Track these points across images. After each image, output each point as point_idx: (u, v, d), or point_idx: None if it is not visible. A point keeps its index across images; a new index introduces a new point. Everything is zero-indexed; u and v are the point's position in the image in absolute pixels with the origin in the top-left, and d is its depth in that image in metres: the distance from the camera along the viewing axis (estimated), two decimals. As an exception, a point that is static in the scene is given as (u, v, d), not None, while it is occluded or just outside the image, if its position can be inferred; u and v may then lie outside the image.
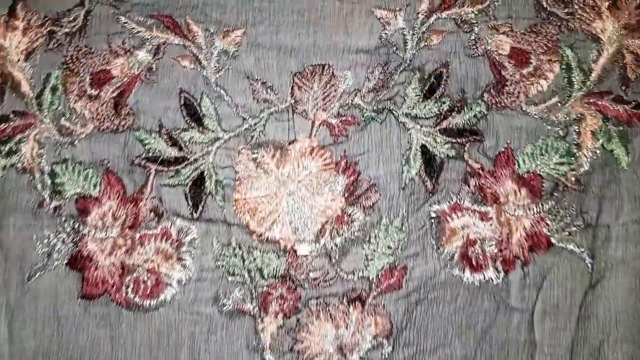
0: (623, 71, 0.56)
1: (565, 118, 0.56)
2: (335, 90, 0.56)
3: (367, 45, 0.57)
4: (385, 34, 0.57)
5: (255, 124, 0.56)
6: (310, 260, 0.55)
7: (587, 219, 0.54)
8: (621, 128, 0.55)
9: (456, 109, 0.56)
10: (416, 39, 0.57)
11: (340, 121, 0.56)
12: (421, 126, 0.56)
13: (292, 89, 0.56)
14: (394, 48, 0.57)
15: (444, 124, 0.56)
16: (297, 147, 0.56)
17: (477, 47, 0.57)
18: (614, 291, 0.53)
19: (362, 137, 0.56)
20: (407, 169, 0.55)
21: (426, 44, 0.57)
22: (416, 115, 0.56)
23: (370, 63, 0.56)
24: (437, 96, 0.56)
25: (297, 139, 0.56)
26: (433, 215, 0.55)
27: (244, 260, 0.55)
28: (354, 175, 0.55)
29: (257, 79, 0.57)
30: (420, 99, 0.56)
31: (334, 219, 0.55)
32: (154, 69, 0.57)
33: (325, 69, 0.56)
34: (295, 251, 0.54)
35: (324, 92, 0.56)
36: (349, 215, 0.55)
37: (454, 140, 0.55)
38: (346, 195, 0.55)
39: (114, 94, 0.57)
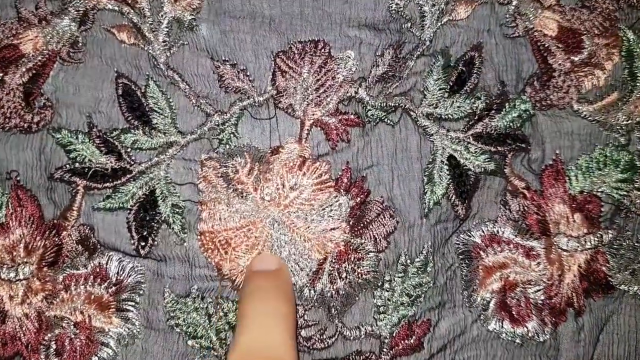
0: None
1: (627, 121, 0.43)
2: (332, 79, 0.42)
3: (373, 18, 0.42)
4: (397, 4, 0.42)
5: (224, 123, 0.41)
6: (302, 313, 0.41)
7: (654, 252, 0.43)
8: (694, 134, 0.44)
9: (495, 106, 0.42)
10: (437, 12, 0.42)
11: (340, 121, 0.42)
12: (448, 130, 0.42)
13: (273, 74, 0.41)
14: (408, 24, 0.42)
15: (479, 128, 0.42)
16: (282, 157, 0.41)
17: (516, 25, 0.43)
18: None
19: (369, 144, 0.42)
20: (431, 189, 0.42)
21: (450, 18, 0.43)
22: (440, 115, 0.42)
23: (378, 43, 0.42)
24: (468, 90, 0.42)
25: (282, 145, 0.41)
26: (462, 248, 0.42)
27: (210, 317, 0.41)
28: (362, 195, 0.42)
29: (224, 60, 0.41)
30: (446, 94, 0.42)
31: (335, 255, 0.41)
32: (80, 45, 0.41)
33: (319, 49, 0.41)
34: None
35: (317, 81, 0.41)
36: (356, 251, 0.41)
37: (492, 149, 0.42)
38: (351, 223, 0.41)
39: (24, 79, 0.41)
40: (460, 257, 0.42)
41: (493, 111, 0.42)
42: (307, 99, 0.42)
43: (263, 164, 0.41)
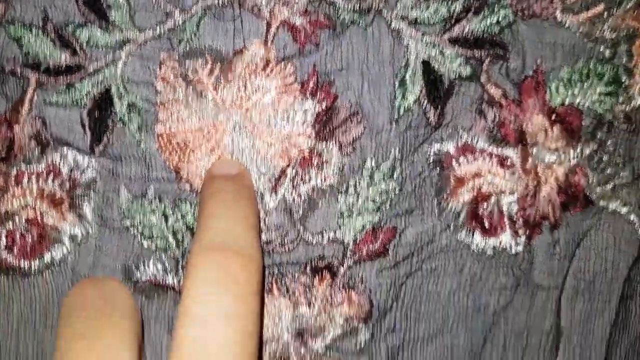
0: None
1: (614, 33, 0.41)
2: (302, -23, 0.40)
3: None
4: None
5: (185, 23, 0.39)
6: (262, 217, 0.39)
7: (636, 168, 0.41)
8: (684, 50, 0.42)
9: (473, 9, 0.40)
10: None
11: (308, 22, 0.40)
12: (423, 34, 0.40)
13: (239, -27, 0.39)
14: None
15: (455, 31, 0.40)
16: (245, 58, 0.39)
17: None
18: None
19: (340, 48, 0.40)
20: (403, 94, 0.40)
21: None
22: (416, 18, 0.40)
23: None
24: (444, -8, 0.40)
25: (246, 46, 0.39)
26: (434, 158, 0.40)
27: (166, 219, 0.39)
28: (328, 99, 0.40)
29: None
30: None
31: (299, 160, 0.39)
32: None
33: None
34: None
35: (285, -21, 0.39)
36: (320, 156, 0.39)
37: (468, 54, 0.40)
38: (317, 128, 0.39)
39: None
40: (431, 165, 0.40)
41: (471, 13, 0.40)
42: (275, -1, 0.40)
43: (225, 65, 0.39)
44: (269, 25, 0.40)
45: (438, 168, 0.40)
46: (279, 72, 0.39)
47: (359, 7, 0.40)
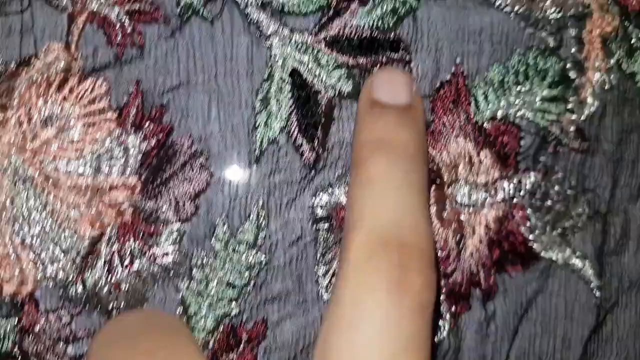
0: None
1: (559, 13, 0.30)
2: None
3: None
4: None
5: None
6: (67, 321, 0.27)
7: (595, 203, 0.30)
8: (650, 31, 0.31)
9: (358, -5, 0.28)
10: None
11: (129, 14, 0.27)
12: (292, 30, 0.28)
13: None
14: None
15: (335, 28, 0.28)
16: (33, 73, 0.27)
17: None
18: (631, 331, 0.31)
19: (175, 52, 0.28)
20: (266, 120, 0.28)
21: None
22: (282, 6, 0.28)
23: None
24: (324, -31, 0.28)
25: (37, 54, 0.27)
26: (318, 213, 0.28)
27: None
28: (160, 133, 0.27)
29: None
30: None
31: (118, 229, 0.27)
32: None
33: None
34: (35, 302, 0.26)
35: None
36: (148, 220, 0.27)
37: (351, 62, 0.28)
38: (143, 177, 0.27)
39: None
40: (315, 225, 0.28)
41: (356, 3, 0.28)
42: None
43: (2, 83, 0.26)
44: (71, 19, 0.27)
45: (325, 228, 0.28)
46: (84, 92, 0.27)
47: None
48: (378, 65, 0.28)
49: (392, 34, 0.28)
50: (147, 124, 0.27)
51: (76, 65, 0.27)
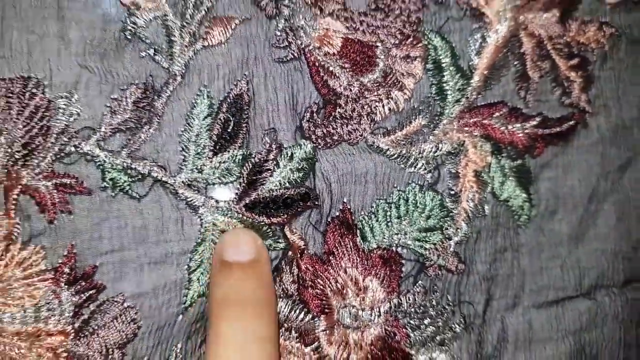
0: (521, 67, 0.37)
1: (435, 152, 0.35)
2: (46, 129, 0.33)
3: (101, 42, 0.33)
4: (132, 22, 0.33)
5: None
6: None
7: (470, 315, 0.35)
8: (520, 162, 0.36)
9: (267, 164, 0.34)
10: (188, 34, 0.34)
11: (56, 187, 0.33)
12: (217, 201, 0.34)
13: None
14: (151, 49, 0.33)
15: (252, 195, 0.34)
16: None
17: (289, 45, 0.34)
18: None
19: (107, 222, 0.33)
20: (198, 278, 0.34)
21: (206, 43, 0.34)
22: (207, 182, 0.34)
23: (112, 80, 0.33)
24: (238, 144, 0.34)
25: None
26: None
27: None
28: (91, 290, 0.33)
29: None
30: (211, 153, 0.34)
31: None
32: None
33: (29, 89, 0.32)
34: None
35: (26, 132, 0.33)
36: None
37: (272, 221, 0.34)
38: (78, 326, 0.33)
39: None
40: None
41: (266, 169, 0.34)
42: (13, 156, 0.33)
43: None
44: (7, 191, 0.33)
45: None
46: (23, 259, 0.32)
47: (130, 166, 0.33)
48: (291, 218, 0.34)
49: (301, 188, 0.34)
50: (79, 282, 0.33)
51: (16, 232, 0.33)
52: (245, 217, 0.34)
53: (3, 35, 0.32)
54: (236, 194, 0.34)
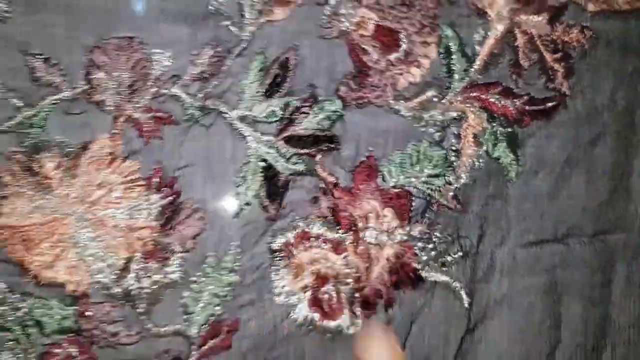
0: (514, 56, 0.46)
1: (443, 117, 0.45)
2: (146, 75, 0.43)
3: (190, 14, 0.43)
4: (215, 1, 0.43)
5: (33, 117, 0.42)
6: (108, 309, 0.42)
7: (466, 246, 0.45)
8: (510, 130, 0.45)
9: (304, 109, 0.43)
10: (256, 11, 0.44)
11: (152, 117, 0.43)
12: (262, 134, 0.43)
13: (87, 69, 0.42)
14: (228, 21, 0.43)
15: (289, 131, 0.43)
16: (91, 153, 0.42)
17: (331, 26, 0.44)
18: (496, 335, 0.44)
19: (183, 144, 0.43)
20: (243, 191, 0.43)
21: (269, 18, 0.44)
22: (255, 119, 0.43)
23: (195, 40, 0.43)
24: (282, 93, 0.43)
25: (92, 141, 0.42)
26: (276, 248, 0.43)
27: (16, 310, 0.42)
28: (172, 195, 0.43)
29: (36, 54, 0.42)
30: (261, 97, 0.43)
31: (143, 253, 0.42)
32: None
33: (134, 45, 0.42)
34: (88, 297, 0.41)
35: (131, 77, 0.42)
36: (163, 250, 0.42)
37: (301, 151, 0.43)
38: (161, 223, 0.42)
39: None
40: (271, 256, 0.44)
41: (302, 114, 0.44)
42: (121, 94, 0.43)
43: (71, 160, 0.42)
44: (114, 119, 0.43)
45: (278, 259, 0.44)
46: (123, 169, 0.42)
47: (203, 105, 0.43)
48: (318, 152, 0.44)
49: (328, 131, 0.44)
50: (164, 189, 0.43)
51: (118, 150, 0.43)
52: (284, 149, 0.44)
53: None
54: (278, 129, 0.44)
